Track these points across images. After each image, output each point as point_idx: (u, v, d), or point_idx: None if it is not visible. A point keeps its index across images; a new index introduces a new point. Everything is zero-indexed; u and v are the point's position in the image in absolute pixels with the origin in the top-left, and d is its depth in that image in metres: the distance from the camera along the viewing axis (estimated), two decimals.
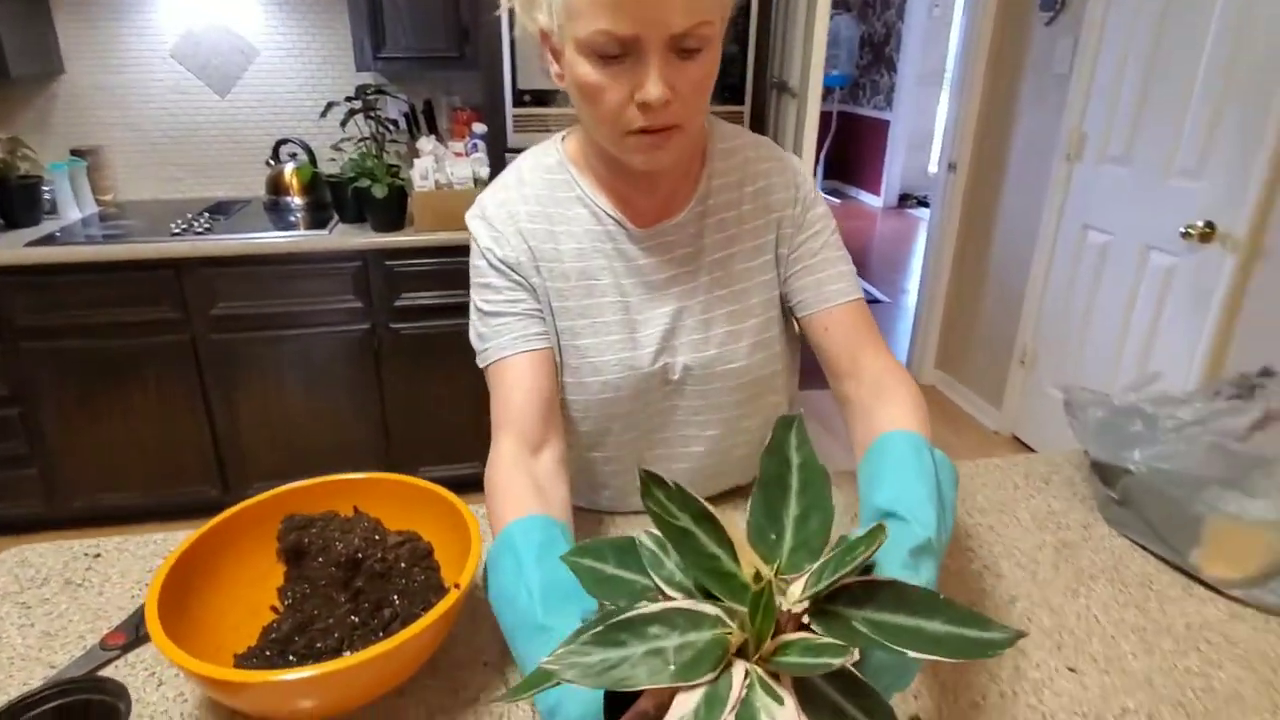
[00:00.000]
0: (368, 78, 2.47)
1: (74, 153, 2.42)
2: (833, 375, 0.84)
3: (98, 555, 0.88)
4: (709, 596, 0.45)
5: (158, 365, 2.17)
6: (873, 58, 6.67)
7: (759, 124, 2.26)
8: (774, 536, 0.48)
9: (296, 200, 2.47)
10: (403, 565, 0.76)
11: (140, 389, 2.19)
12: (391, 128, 2.40)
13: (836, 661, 0.38)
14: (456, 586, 0.65)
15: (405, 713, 0.66)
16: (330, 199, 2.37)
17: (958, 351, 3.33)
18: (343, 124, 2.34)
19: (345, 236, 2.17)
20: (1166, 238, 2.21)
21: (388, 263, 2.18)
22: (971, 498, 0.96)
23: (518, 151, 2.17)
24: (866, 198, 6.97)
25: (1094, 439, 0.87)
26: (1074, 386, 0.92)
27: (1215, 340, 2.08)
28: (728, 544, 0.45)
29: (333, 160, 2.37)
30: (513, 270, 0.82)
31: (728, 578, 0.45)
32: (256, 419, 2.29)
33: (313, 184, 2.45)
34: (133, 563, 0.86)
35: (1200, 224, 2.09)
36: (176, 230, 2.14)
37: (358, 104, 2.31)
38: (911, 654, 0.40)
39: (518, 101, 2.03)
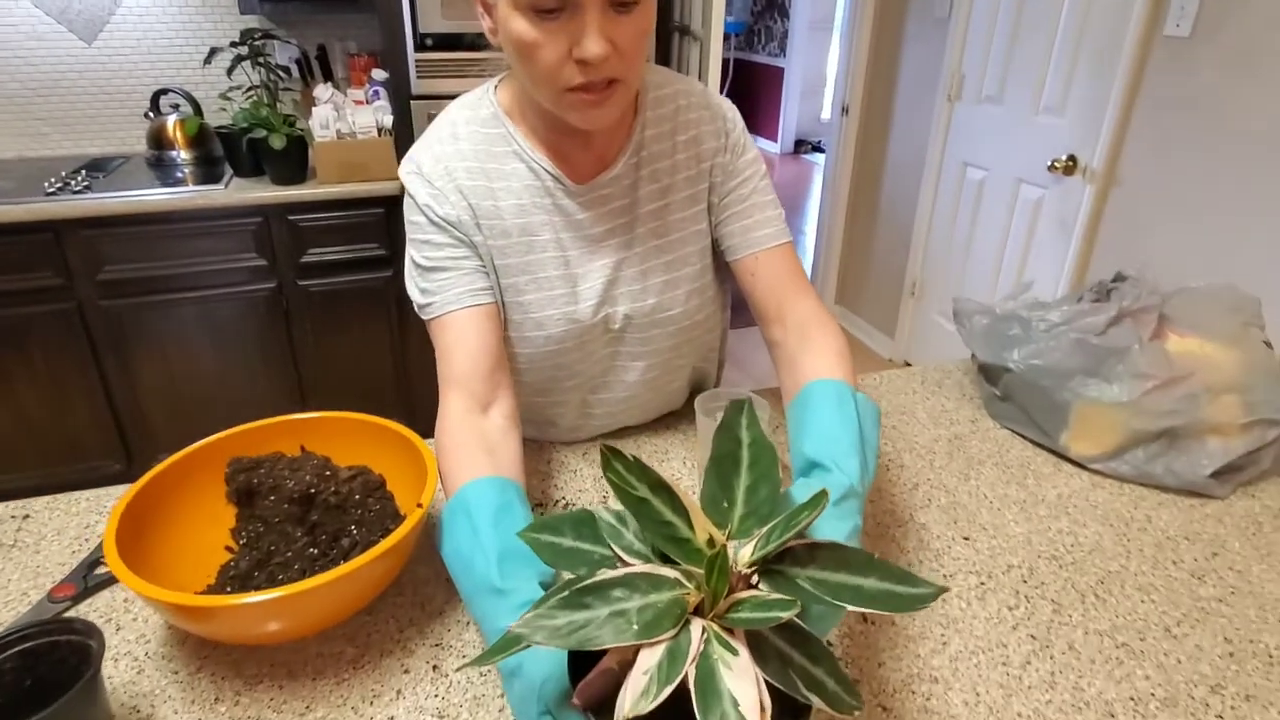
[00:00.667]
0: (254, 22, 2.34)
1: None
2: (761, 319, 0.87)
3: (27, 516, 0.86)
4: (666, 561, 0.49)
5: (43, 336, 2.04)
6: (765, 4, 6.73)
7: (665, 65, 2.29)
8: (726, 505, 0.53)
9: (183, 154, 2.33)
10: (357, 497, 0.78)
11: (25, 363, 2.05)
12: (283, 75, 2.29)
13: (784, 615, 0.43)
14: (419, 505, 0.69)
15: (376, 628, 0.70)
16: (222, 152, 2.25)
17: (854, 287, 3.51)
18: (229, 71, 2.22)
19: (242, 191, 2.07)
20: (1035, 171, 2.40)
21: (291, 217, 2.11)
22: (877, 403, 1.06)
23: (423, 99, 2.14)
24: (764, 143, 7.11)
25: (979, 343, 0.98)
26: (961, 298, 1.03)
27: (1078, 260, 2.29)
28: (683, 511, 0.49)
29: (222, 111, 2.24)
30: (454, 227, 0.81)
31: (683, 543, 0.48)
32: (159, 387, 2.19)
33: (200, 136, 2.32)
34: (66, 520, 0.85)
35: (1064, 158, 2.28)
36: (51, 190, 1.99)
37: (244, 50, 2.19)
38: (850, 607, 0.45)
39: (419, 46, 1.98)
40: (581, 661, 0.50)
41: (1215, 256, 1.91)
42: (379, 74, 2.26)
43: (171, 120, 2.34)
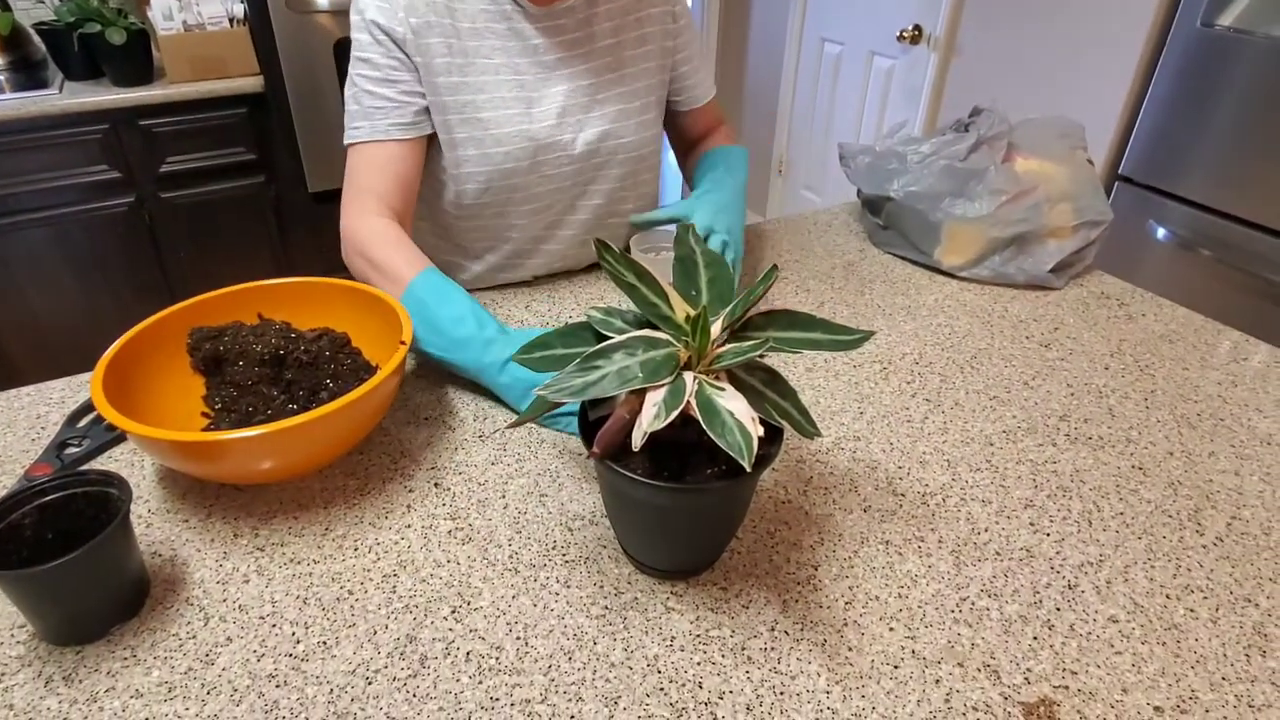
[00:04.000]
0: None
1: None
2: (683, 153, 1.07)
3: None
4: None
5: None
6: None
7: None
8: (694, 292, 0.63)
9: None
10: (327, 354, 0.82)
11: None
12: None
13: (759, 350, 0.54)
14: (402, 343, 0.74)
15: (371, 462, 0.76)
16: (46, 53, 2.02)
17: None
18: None
19: (79, 95, 1.89)
20: (885, 42, 2.57)
21: (142, 122, 1.95)
22: (779, 244, 1.18)
23: None
24: None
25: (863, 178, 1.11)
26: (845, 142, 1.15)
27: (926, 124, 2.51)
28: (663, 294, 0.59)
29: (41, 5, 2.00)
30: (396, 45, 0.86)
31: (666, 319, 0.58)
32: (16, 318, 2.02)
33: (15, 37, 2.06)
34: (14, 414, 0.84)
35: (910, 28, 2.45)
36: None
37: None
38: (805, 351, 0.57)
39: None
40: (593, 429, 0.59)
41: (1042, 110, 2.16)
42: None
43: None
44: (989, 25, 2.24)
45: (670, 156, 1.17)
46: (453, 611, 0.60)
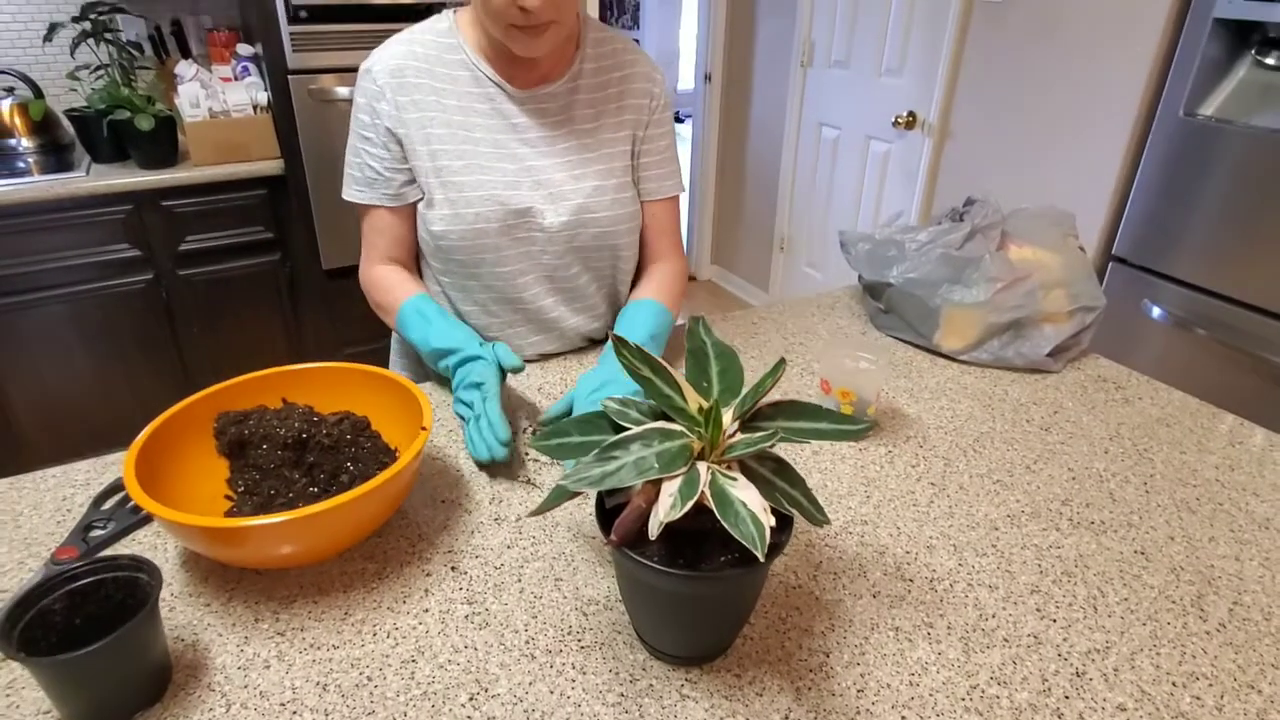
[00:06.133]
0: None
1: None
2: (640, 256, 1.11)
3: None
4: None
5: None
6: None
7: None
8: (705, 384, 0.66)
9: (25, 142, 2.16)
10: (348, 437, 0.85)
11: None
12: (135, 53, 2.17)
13: (770, 441, 0.57)
14: (424, 429, 0.77)
15: (389, 546, 0.78)
16: (73, 137, 2.11)
17: (729, 246, 3.73)
18: (72, 49, 2.08)
19: (106, 178, 1.96)
20: (881, 127, 2.68)
21: (165, 203, 2.03)
22: (784, 326, 1.22)
23: (302, 74, 2.10)
24: None
25: (864, 265, 1.16)
26: (846, 230, 1.20)
27: (922, 204, 2.59)
28: (677, 387, 0.62)
29: (73, 92, 2.10)
30: (385, 124, 0.96)
31: (680, 410, 0.61)
32: (29, 396, 2.05)
33: (46, 121, 2.16)
34: (41, 495, 0.86)
35: (905, 114, 2.55)
36: None
37: (87, 25, 2.06)
38: (812, 441, 0.60)
39: (293, 19, 1.94)
40: (611, 517, 0.61)
41: (1033, 192, 2.24)
42: (245, 49, 2.19)
43: (7, 105, 2.16)
44: (981, 111, 2.34)
45: None
46: (470, 699, 0.61)
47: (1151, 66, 1.89)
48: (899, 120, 2.56)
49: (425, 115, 0.96)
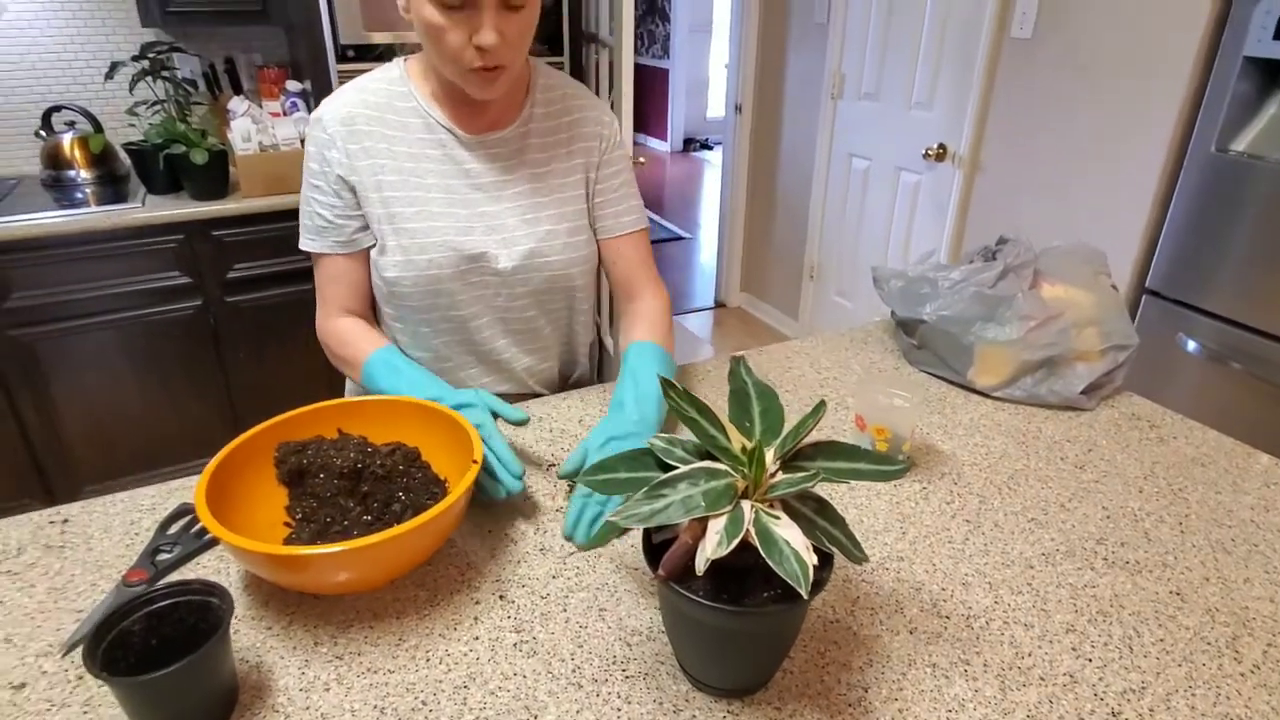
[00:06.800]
0: (151, 35, 2.30)
1: None
2: (617, 294, 1.11)
3: (65, 520, 0.91)
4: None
5: None
6: (647, 8, 6.96)
7: (578, 73, 2.42)
8: (748, 424, 0.68)
9: (83, 174, 2.27)
10: (400, 468, 0.88)
11: None
12: (190, 89, 2.27)
13: (811, 482, 0.59)
14: (475, 462, 0.80)
15: (440, 574, 0.81)
16: (128, 170, 2.21)
17: (758, 274, 3.76)
18: (132, 86, 2.18)
19: (161, 208, 2.05)
20: (911, 159, 2.70)
21: (215, 233, 2.11)
22: (819, 361, 1.25)
23: None
24: (655, 143, 7.35)
25: (897, 301, 1.18)
26: (879, 266, 1.23)
27: (953, 236, 2.61)
28: (721, 428, 0.65)
29: (132, 126, 2.20)
30: (336, 171, 0.97)
31: (724, 449, 0.64)
32: (80, 418, 2.13)
33: (103, 155, 2.26)
34: (108, 520, 0.91)
35: (935, 146, 2.58)
36: None
37: (146, 64, 2.16)
38: (850, 481, 0.62)
39: (341, 57, 2.02)
40: (657, 552, 0.64)
41: (1064, 224, 2.24)
42: (294, 85, 2.28)
43: (68, 138, 2.26)
44: (1011, 144, 2.36)
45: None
46: None
47: (1182, 103, 1.90)
48: (929, 152, 2.58)
49: (376, 163, 0.97)
